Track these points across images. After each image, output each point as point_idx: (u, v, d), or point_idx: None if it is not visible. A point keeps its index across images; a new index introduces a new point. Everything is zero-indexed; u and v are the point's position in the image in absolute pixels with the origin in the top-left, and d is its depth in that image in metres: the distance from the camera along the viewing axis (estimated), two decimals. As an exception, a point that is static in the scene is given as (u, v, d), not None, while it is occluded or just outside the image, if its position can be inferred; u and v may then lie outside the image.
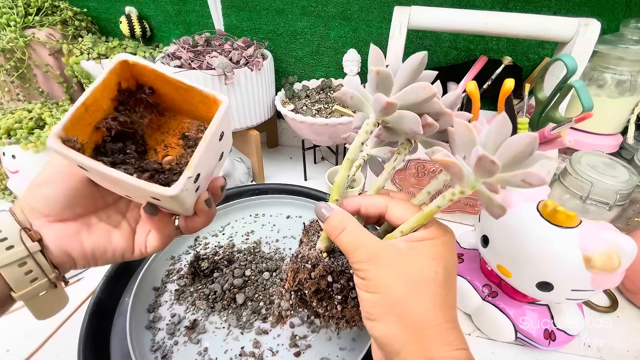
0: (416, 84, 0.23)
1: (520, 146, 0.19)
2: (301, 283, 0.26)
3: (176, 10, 0.75)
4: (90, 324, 0.39)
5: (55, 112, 0.61)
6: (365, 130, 0.26)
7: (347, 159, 0.27)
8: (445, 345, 0.20)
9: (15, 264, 0.23)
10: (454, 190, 0.23)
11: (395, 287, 0.21)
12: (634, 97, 0.58)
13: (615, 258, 0.31)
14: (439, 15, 0.51)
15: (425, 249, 0.22)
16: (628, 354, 0.42)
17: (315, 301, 0.26)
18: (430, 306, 0.21)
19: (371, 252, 0.22)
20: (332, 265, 0.25)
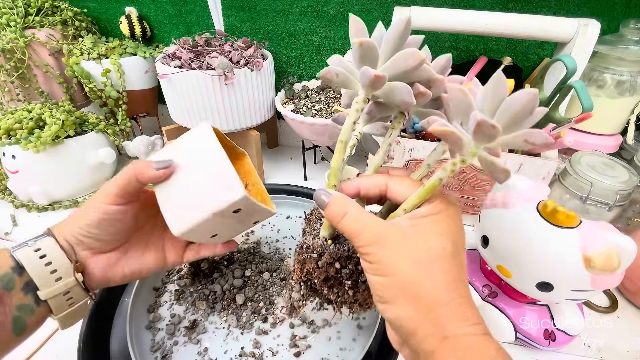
0: (403, 52, 0.22)
1: (520, 105, 0.18)
2: (309, 273, 0.25)
3: (176, 11, 0.75)
4: (90, 324, 0.39)
5: (55, 112, 0.61)
6: (356, 109, 0.24)
7: (340, 141, 0.25)
8: (461, 322, 0.20)
9: (62, 294, 0.26)
10: (454, 160, 0.21)
11: (404, 267, 0.20)
12: (633, 97, 0.58)
13: (615, 258, 0.31)
14: (438, 15, 0.51)
15: (431, 225, 0.22)
16: (628, 354, 0.42)
17: (325, 289, 0.26)
18: (442, 284, 0.20)
19: (376, 234, 0.21)
20: (338, 251, 0.25)
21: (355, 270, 0.25)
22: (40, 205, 0.63)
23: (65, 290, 0.26)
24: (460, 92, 0.20)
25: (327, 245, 0.25)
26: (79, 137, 0.63)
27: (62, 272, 0.26)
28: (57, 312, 0.26)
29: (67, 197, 0.65)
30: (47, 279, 0.25)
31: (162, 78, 0.60)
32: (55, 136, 0.58)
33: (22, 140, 0.57)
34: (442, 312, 0.20)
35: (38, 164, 0.60)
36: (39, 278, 0.25)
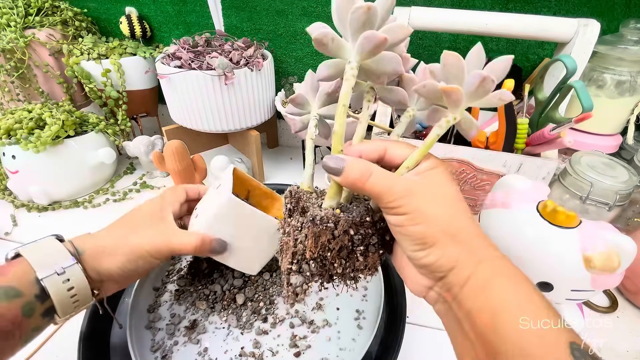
0: (394, 24, 0.24)
1: (502, 68, 0.22)
2: (324, 246, 0.25)
3: (176, 11, 0.75)
4: (90, 324, 0.39)
5: (55, 112, 0.61)
6: (353, 75, 0.25)
7: (342, 105, 0.26)
8: (489, 248, 0.22)
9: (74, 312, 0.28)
10: (448, 118, 0.24)
11: (440, 211, 0.22)
12: (633, 97, 0.58)
13: (615, 258, 0.31)
14: (438, 15, 0.51)
15: (439, 176, 0.24)
16: (628, 354, 0.42)
17: (337, 261, 0.25)
18: (470, 220, 0.23)
19: (405, 187, 0.22)
20: (349, 218, 0.25)
21: (365, 235, 0.25)
22: (40, 205, 0.63)
23: (77, 309, 0.28)
24: (455, 57, 0.23)
25: (338, 214, 0.25)
26: (79, 137, 0.63)
27: (81, 297, 0.27)
28: (60, 322, 0.28)
29: (67, 197, 0.65)
30: (68, 306, 0.26)
31: (162, 78, 0.60)
32: (55, 136, 0.58)
33: (22, 140, 0.57)
34: (476, 243, 0.22)
35: (38, 164, 0.60)
36: (61, 306, 0.26)
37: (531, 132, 0.52)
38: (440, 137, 0.57)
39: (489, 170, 0.54)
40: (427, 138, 0.25)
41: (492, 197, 0.41)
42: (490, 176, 0.54)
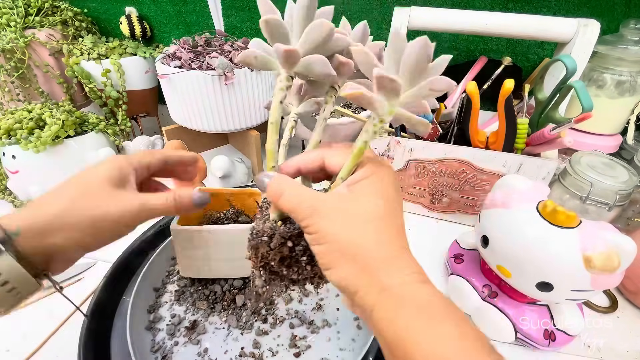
0: (312, 23, 0.22)
1: (415, 55, 0.18)
2: (265, 257, 0.25)
3: (176, 11, 0.75)
4: (90, 324, 0.39)
5: (56, 112, 0.61)
6: (280, 88, 0.24)
7: (270, 123, 0.26)
8: (397, 272, 0.20)
9: (14, 296, 0.24)
10: (374, 122, 0.22)
11: (340, 232, 0.21)
12: (633, 97, 0.58)
13: (615, 258, 0.31)
14: (438, 15, 0.51)
15: (364, 188, 0.22)
16: (628, 354, 0.42)
17: (284, 269, 0.26)
18: (376, 241, 0.21)
19: (312, 205, 0.22)
20: (288, 231, 0.25)
21: (308, 246, 0.25)
22: (40, 206, 0.63)
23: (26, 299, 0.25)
24: (362, 54, 0.21)
25: (277, 226, 0.25)
26: (79, 137, 0.63)
27: (20, 287, 0.24)
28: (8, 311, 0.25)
29: (67, 197, 0.65)
30: (6, 298, 0.24)
31: (162, 78, 0.60)
32: (55, 136, 0.58)
33: (22, 140, 0.57)
34: (378, 267, 0.20)
35: (38, 164, 0.60)
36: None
37: (531, 132, 0.52)
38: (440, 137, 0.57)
39: (489, 170, 0.54)
40: (354, 146, 0.23)
41: (492, 197, 0.41)
42: (490, 176, 0.54)
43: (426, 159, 0.56)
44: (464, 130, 0.54)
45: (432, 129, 0.54)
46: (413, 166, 0.58)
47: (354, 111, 0.63)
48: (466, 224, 0.61)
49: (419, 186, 0.60)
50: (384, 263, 0.20)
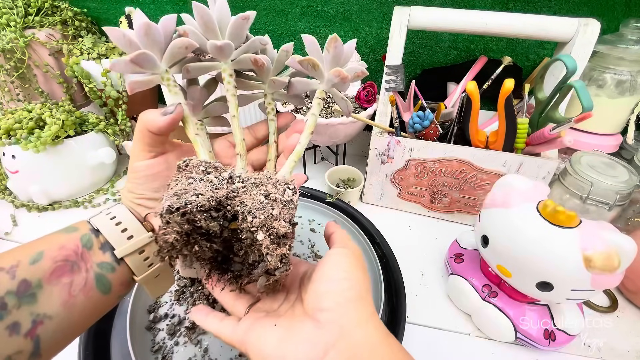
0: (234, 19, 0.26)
1: (343, 50, 0.28)
2: (193, 228, 0.23)
3: (176, 11, 0.75)
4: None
5: (55, 112, 0.61)
6: (227, 81, 0.28)
7: (233, 116, 0.29)
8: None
9: (136, 252, 0.27)
10: (318, 96, 0.29)
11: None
12: (633, 97, 0.58)
13: (615, 258, 0.31)
14: (438, 15, 0.51)
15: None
16: (628, 354, 0.42)
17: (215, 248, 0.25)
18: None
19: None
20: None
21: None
22: (40, 205, 0.63)
23: (139, 249, 0.27)
24: (311, 43, 0.29)
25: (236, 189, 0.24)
26: (79, 137, 0.63)
27: (132, 231, 0.27)
28: (138, 272, 0.27)
29: (67, 197, 0.65)
30: (120, 239, 0.26)
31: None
32: (55, 136, 0.58)
33: (22, 140, 0.57)
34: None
35: (38, 164, 0.60)
36: (112, 238, 0.26)
37: (531, 132, 0.52)
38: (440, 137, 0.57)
39: (489, 170, 0.54)
40: (307, 123, 0.29)
41: (492, 196, 0.41)
42: (490, 176, 0.54)
43: (426, 158, 0.56)
44: (464, 129, 0.54)
45: (432, 128, 0.54)
46: (413, 166, 0.58)
47: (354, 111, 0.63)
48: (466, 224, 0.61)
49: (419, 186, 0.60)
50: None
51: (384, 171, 0.60)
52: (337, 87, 0.30)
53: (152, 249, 0.27)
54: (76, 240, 0.25)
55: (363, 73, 0.29)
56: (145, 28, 0.24)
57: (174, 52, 0.26)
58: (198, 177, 0.23)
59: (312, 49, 0.29)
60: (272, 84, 0.31)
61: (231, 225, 0.23)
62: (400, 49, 0.54)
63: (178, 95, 0.28)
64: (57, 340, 0.23)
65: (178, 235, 0.22)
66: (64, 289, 0.23)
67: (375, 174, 0.61)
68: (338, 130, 0.61)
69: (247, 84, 0.31)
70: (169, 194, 0.22)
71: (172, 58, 0.27)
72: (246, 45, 0.28)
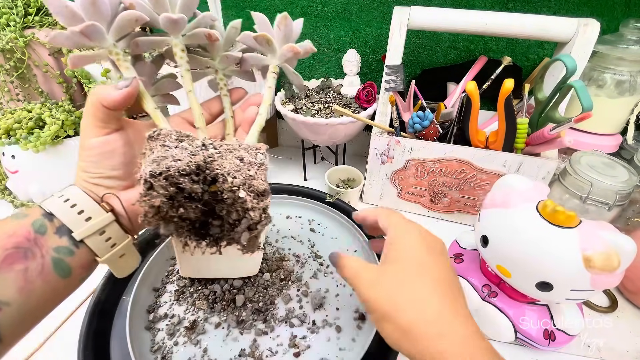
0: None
1: (290, 30, 0.30)
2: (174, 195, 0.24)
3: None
4: (90, 324, 0.39)
5: (55, 112, 0.61)
6: (180, 57, 0.28)
7: (189, 91, 0.29)
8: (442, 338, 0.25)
9: (97, 233, 0.26)
10: (272, 71, 0.31)
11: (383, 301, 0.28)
12: (633, 97, 0.58)
13: (615, 258, 0.31)
14: (438, 15, 0.51)
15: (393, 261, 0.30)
16: (628, 354, 0.42)
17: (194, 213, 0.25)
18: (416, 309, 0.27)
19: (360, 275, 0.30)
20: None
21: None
22: (40, 205, 0.63)
23: (99, 229, 0.26)
24: (261, 19, 0.31)
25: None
26: (78, 137, 0.63)
27: (90, 213, 0.26)
28: (100, 253, 0.26)
29: (66, 197, 0.65)
30: (77, 221, 0.25)
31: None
32: (54, 136, 0.58)
33: (22, 140, 0.57)
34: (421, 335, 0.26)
35: (38, 163, 0.60)
36: (69, 221, 0.25)
37: (531, 132, 0.52)
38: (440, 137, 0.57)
39: (489, 170, 0.54)
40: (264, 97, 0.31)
41: (491, 196, 0.41)
42: (490, 176, 0.54)
43: (426, 158, 0.56)
44: (464, 129, 0.54)
45: (432, 128, 0.54)
46: (413, 166, 0.58)
47: (354, 111, 0.63)
48: (466, 224, 0.61)
49: (419, 186, 0.60)
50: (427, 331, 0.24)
51: (384, 171, 0.60)
52: (289, 62, 0.31)
53: (113, 229, 0.27)
54: (27, 226, 0.24)
55: (312, 49, 0.31)
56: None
57: (123, 25, 0.25)
58: (172, 144, 0.24)
59: (262, 26, 0.30)
60: (225, 60, 0.31)
61: (211, 188, 0.24)
62: (400, 49, 0.54)
63: (130, 70, 0.27)
64: (17, 326, 0.23)
65: (165, 198, 0.22)
66: (19, 276, 0.23)
67: (375, 174, 0.61)
68: (338, 130, 0.61)
69: (197, 60, 0.31)
70: (148, 161, 0.22)
71: (120, 31, 0.26)
72: (197, 21, 0.28)
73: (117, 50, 0.26)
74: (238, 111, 0.33)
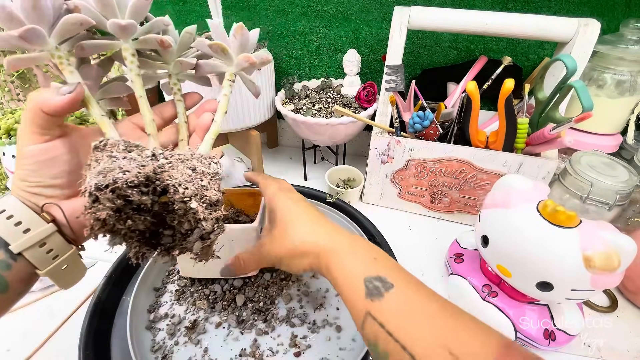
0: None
1: (247, 39, 0.30)
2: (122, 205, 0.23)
3: (176, 11, 0.75)
4: (91, 324, 0.39)
5: (56, 112, 0.61)
6: (130, 61, 0.28)
7: (140, 96, 0.30)
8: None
9: (37, 245, 0.25)
10: (229, 81, 0.31)
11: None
12: (633, 97, 0.58)
13: (615, 258, 0.31)
14: (438, 15, 0.51)
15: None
16: (628, 353, 0.42)
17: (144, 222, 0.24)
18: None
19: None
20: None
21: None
22: (40, 205, 0.63)
23: (39, 242, 0.24)
24: (217, 28, 0.30)
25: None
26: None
27: (29, 224, 0.24)
28: (41, 266, 0.25)
29: (67, 197, 0.65)
30: (14, 233, 0.24)
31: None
32: (55, 136, 0.58)
33: (22, 140, 0.57)
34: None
35: (38, 164, 0.60)
36: (5, 234, 0.24)
37: (531, 132, 0.52)
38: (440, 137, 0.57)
39: (489, 170, 0.54)
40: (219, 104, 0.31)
41: (492, 196, 0.41)
42: (490, 176, 0.54)
43: (426, 158, 0.56)
44: (464, 129, 0.54)
45: (432, 128, 0.54)
46: (413, 166, 0.58)
47: (354, 111, 0.63)
48: (466, 224, 0.61)
49: (419, 186, 0.60)
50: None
51: (384, 171, 0.60)
52: (245, 71, 0.32)
53: (55, 241, 0.25)
54: None
55: (268, 59, 0.32)
56: (34, 2, 0.22)
57: (67, 28, 0.24)
58: (120, 155, 0.23)
59: (217, 34, 0.30)
60: (179, 65, 0.31)
61: (161, 198, 0.23)
62: (401, 49, 0.54)
63: (74, 74, 0.26)
64: None
65: (111, 211, 0.22)
66: None
67: (375, 174, 0.61)
68: (338, 130, 0.61)
69: (149, 64, 0.31)
70: (93, 173, 0.22)
71: (63, 34, 0.24)
72: (149, 25, 0.28)
73: (60, 53, 0.25)
74: (192, 116, 0.32)
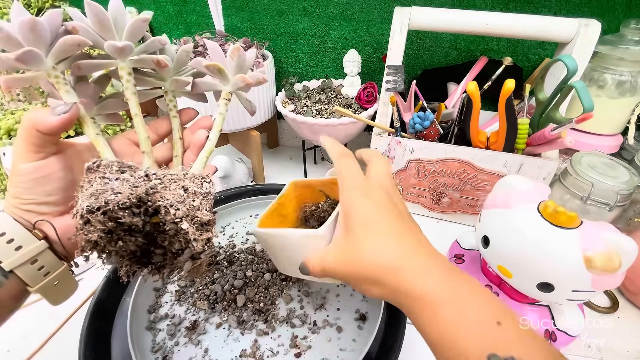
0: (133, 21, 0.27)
1: (244, 59, 0.30)
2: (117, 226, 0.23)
3: (176, 11, 0.75)
4: (91, 324, 0.39)
5: (56, 112, 0.61)
6: (126, 80, 0.28)
7: (135, 114, 0.29)
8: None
9: (28, 262, 0.25)
10: (224, 97, 0.31)
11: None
12: (634, 97, 0.58)
13: (616, 259, 0.31)
14: (439, 15, 0.51)
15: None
16: (628, 354, 0.42)
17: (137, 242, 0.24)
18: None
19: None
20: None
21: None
22: (40, 206, 0.63)
23: (30, 258, 0.24)
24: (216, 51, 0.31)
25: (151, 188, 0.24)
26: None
27: (20, 241, 0.24)
28: (32, 283, 0.25)
29: (67, 197, 0.65)
30: (6, 250, 0.24)
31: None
32: (55, 136, 0.58)
33: (23, 141, 0.57)
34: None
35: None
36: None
37: (532, 132, 0.52)
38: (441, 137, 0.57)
39: (490, 171, 0.54)
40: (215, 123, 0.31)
41: (492, 197, 0.41)
42: (491, 176, 0.54)
43: (427, 159, 0.56)
44: (465, 130, 0.54)
45: (433, 129, 0.54)
46: (413, 166, 0.58)
47: (355, 111, 0.63)
48: (467, 224, 0.61)
49: (420, 186, 0.60)
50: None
51: (385, 171, 0.60)
52: (242, 89, 0.32)
53: (46, 258, 0.25)
54: None
55: (263, 80, 0.32)
56: (31, 24, 0.22)
57: (65, 49, 0.24)
58: (113, 176, 0.23)
59: (215, 54, 0.31)
60: (175, 83, 0.31)
61: (153, 219, 0.24)
62: (401, 50, 0.54)
63: (70, 94, 0.26)
64: None
65: (102, 233, 0.22)
66: None
67: (376, 175, 0.61)
68: (338, 130, 0.61)
69: (145, 81, 0.31)
70: (86, 195, 0.22)
71: (60, 55, 0.25)
72: (145, 45, 0.28)
73: (57, 73, 0.25)
74: (187, 132, 0.32)
